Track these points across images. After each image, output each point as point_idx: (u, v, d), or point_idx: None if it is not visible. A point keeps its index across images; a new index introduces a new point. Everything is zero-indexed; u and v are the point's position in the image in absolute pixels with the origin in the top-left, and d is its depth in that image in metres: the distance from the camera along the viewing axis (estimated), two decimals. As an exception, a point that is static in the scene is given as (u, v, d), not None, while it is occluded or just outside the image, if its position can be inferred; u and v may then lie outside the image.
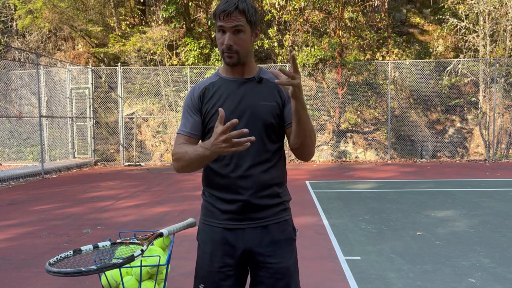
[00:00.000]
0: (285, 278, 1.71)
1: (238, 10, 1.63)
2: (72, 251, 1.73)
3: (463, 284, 3.45)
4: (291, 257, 1.75)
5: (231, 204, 1.71)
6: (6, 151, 13.52)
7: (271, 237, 1.72)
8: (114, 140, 13.96)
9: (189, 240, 4.76)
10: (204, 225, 1.79)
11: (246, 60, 1.73)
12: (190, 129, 1.76)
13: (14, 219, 6.16)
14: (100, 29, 15.71)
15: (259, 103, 1.71)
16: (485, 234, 4.92)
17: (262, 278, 1.71)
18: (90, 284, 3.60)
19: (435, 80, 13.79)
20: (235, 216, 1.71)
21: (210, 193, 1.78)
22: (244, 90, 1.74)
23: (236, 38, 1.66)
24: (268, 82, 1.77)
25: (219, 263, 1.71)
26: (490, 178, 9.22)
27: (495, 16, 12.94)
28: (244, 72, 1.76)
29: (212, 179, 1.76)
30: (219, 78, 1.80)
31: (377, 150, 13.52)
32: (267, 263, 1.70)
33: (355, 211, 6.17)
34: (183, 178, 10.03)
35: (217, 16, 1.66)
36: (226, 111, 1.65)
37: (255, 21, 1.70)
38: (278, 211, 1.75)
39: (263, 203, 1.71)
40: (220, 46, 1.69)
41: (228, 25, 1.63)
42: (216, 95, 1.75)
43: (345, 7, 13.38)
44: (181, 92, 13.99)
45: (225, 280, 1.71)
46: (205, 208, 1.80)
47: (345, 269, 3.83)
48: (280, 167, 1.78)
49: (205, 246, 1.77)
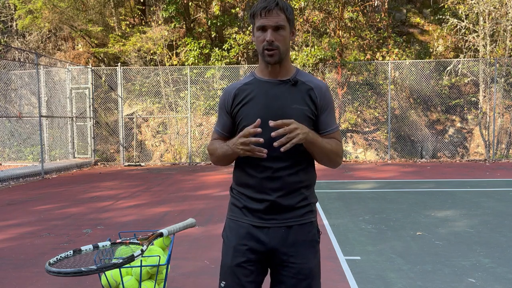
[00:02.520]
0: (307, 279, 1.73)
1: (279, 7, 1.67)
2: (72, 251, 1.73)
3: (463, 284, 3.45)
4: (314, 258, 1.77)
5: (259, 203, 1.74)
6: (6, 151, 13.52)
7: (295, 237, 1.74)
8: (114, 140, 13.96)
9: (189, 240, 4.76)
10: (231, 220, 1.82)
11: (284, 60, 1.74)
12: (222, 129, 1.85)
13: (14, 219, 6.16)
14: (100, 29, 15.71)
15: (291, 106, 1.72)
16: (485, 234, 4.92)
17: (284, 277, 1.73)
18: (90, 284, 3.60)
19: (435, 80, 13.79)
20: (262, 215, 1.74)
21: (239, 191, 1.80)
22: (277, 92, 1.74)
23: (277, 34, 1.68)
24: (303, 84, 1.77)
25: (242, 258, 1.73)
26: (490, 178, 9.22)
27: (495, 16, 12.94)
28: (280, 73, 1.77)
29: (242, 177, 1.78)
30: (254, 78, 1.80)
31: (377, 150, 13.52)
32: (290, 263, 1.72)
33: (355, 211, 6.17)
34: (183, 178, 10.04)
35: (257, 14, 1.69)
36: (257, 113, 1.70)
37: (293, 20, 1.75)
38: (304, 212, 1.77)
39: (289, 204, 1.73)
40: (260, 44, 1.70)
41: (270, 22, 1.67)
42: (249, 96, 1.76)
43: (345, 7, 13.37)
44: (181, 92, 13.99)
45: (246, 276, 1.72)
46: (233, 205, 1.82)
47: (345, 269, 3.83)
48: (309, 170, 1.80)
49: (229, 241, 1.78)
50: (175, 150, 13.59)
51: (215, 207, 6.64)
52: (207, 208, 6.57)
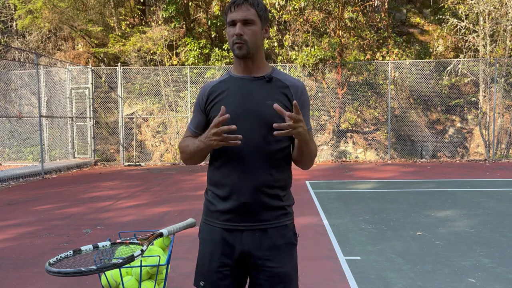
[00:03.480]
0: (282, 282, 1.69)
1: (249, 2, 1.68)
2: (72, 251, 1.73)
3: (463, 284, 3.45)
4: (290, 262, 1.73)
5: (230, 203, 1.69)
6: (6, 151, 13.52)
7: (270, 241, 1.69)
8: (114, 140, 13.96)
9: (189, 240, 4.76)
10: (205, 224, 1.79)
11: (256, 56, 1.73)
12: (195, 127, 1.84)
13: (14, 219, 6.16)
14: (100, 29, 15.71)
15: (265, 102, 1.69)
16: (485, 234, 4.92)
17: (260, 280, 1.70)
18: (90, 284, 3.60)
19: (435, 80, 13.79)
20: (234, 217, 1.69)
21: (212, 192, 1.77)
22: (250, 88, 1.73)
23: (246, 29, 1.68)
24: (278, 82, 1.75)
25: (217, 263, 1.71)
26: (490, 178, 9.22)
27: (495, 16, 12.93)
28: (253, 70, 1.76)
29: (215, 177, 1.76)
30: (229, 76, 1.80)
31: (377, 150, 13.52)
32: (266, 267, 1.68)
33: (355, 211, 6.17)
34: (183, 178, 10.04)
35: (228, 9, 1.70)
36: (230, 109, 1.66)
37: (265, 17, 1.74)
38: (279, 215, 1.72)
39: (262, 205, 1.68)
40: (230, 38, 1.71)
41: (238, 16, 1.67)
42: (223, 93, 1.75)
43: (345, 7, 13.37)
44: (181, 92, 13.99)
45: (223, 279, 1.71)
46: (206, 207, 1.80)
47: (345, 269, 3.83)
48: (284, 170, 1.75)
49: (205, 245, 1.78)
50: (175, 150, 13.59)
51: (215, 207, 6.64)
52: (207, 208, 6.56)
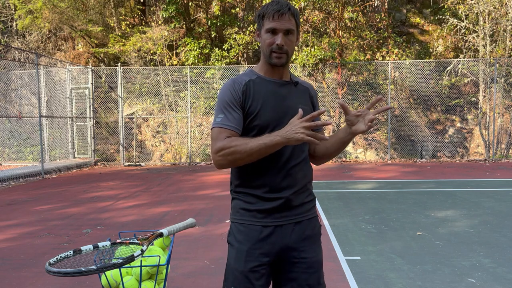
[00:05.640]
0: (317, 272, 1.77)
1: (291, 12, 1.71)
2: (72, 251, 1.73)
3: (463, 284, 3.45)
4: (321, 252, 1.85)
5: (273, 202, 1.73)
6: (6, 151, 13.52)
7: (304, 232, 1.78)
8: (114, 140, 13.96)
9: (189, 240, 4.76)
10: (240, 224, 1.77)
11: (287, 63, 1.80)
12: (236, 124, 1.70)
13: (14, 219, 6.16)
14: (100, 29, 15.72)
15: (298, 105, 1.75)
16: (485, 234, 4.92)
17: (295, 274, 1.75)
18: (90, 284, 3.60)
19: (435, 80, 13.79)
20: (275, 214, 1.74)
21: (247, 193, 1.76)
22: (283, 92, 1.79)
23: (287, 39, 1.72)
24: (301, 86, 1.87)
25: (255, 262, 1.71)
26: (490, 178, 9.22)
27: (495, 16, 12.94)
28: (283, 75, 1.81)
29: (250, 177, 1.75)
30: (258, 77, 1.78)
31: (377, 150, 13.52)
32: (301, 258, 1.75)
33: (355, 211, 6.17)
34: (183, 178, 10.04)
35: (269, 16, 1.70)
36: (269, 111, 1.72)
37: (299, 25, 1.80)
38: (311, 207, 1.84)
39: (300, 200, 1.78)
40: (267, 46, 1.72)
41: (281, 26, 1.69)
42: (259, 93, 1.75)
43: (345, 7, 13.38)
44: (181, 92, 13.99)
45: (258, 279, 1.72)
46: (241, 208, 1.78)
47: (345, 269, 3.83)
48: (310, 165, 1.88)
49: (240, 245, 1.74)
50: (175, 150, 13.60)
51: (215, 207, 6.64)
52: (207, 208, 6.57)
